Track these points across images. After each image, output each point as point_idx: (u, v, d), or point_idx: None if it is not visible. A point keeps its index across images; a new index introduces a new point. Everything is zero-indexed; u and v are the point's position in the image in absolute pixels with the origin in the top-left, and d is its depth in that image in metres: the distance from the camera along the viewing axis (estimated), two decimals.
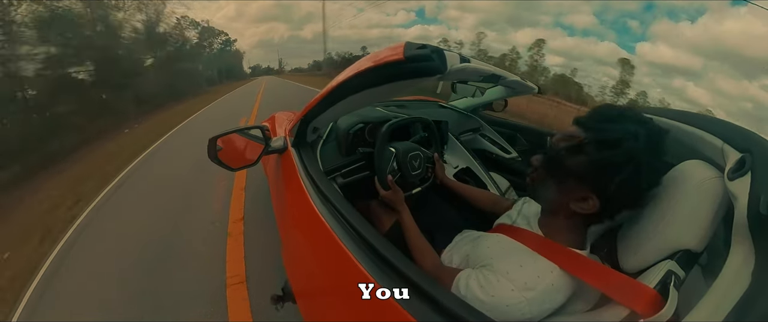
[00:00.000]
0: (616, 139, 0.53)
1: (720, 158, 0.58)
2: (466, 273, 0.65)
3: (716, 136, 0.60)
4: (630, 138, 0.52)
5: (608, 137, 0.54)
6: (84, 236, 2.77)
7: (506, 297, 0.55)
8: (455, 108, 2.10)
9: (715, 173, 0.56)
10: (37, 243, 2.79)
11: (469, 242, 0.85)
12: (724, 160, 0.56)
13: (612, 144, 0.53)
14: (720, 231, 0.55)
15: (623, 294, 0.52)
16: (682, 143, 0.67)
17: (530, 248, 0.62)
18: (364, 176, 1.29)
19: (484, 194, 1.19)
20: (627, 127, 0.53)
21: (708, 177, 0.55)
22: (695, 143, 0.65)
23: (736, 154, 0.54)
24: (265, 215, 2.36)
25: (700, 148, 0.64)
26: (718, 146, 0.59)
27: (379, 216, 1.19)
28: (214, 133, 1.07)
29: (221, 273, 1.95)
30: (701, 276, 0.60)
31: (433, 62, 0.59)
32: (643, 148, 0.52)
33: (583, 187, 0.57)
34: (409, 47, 0.62)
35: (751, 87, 24.33)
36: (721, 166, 0.57)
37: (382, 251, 0.63)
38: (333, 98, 0.90)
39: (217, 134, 1.08)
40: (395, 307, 0.55)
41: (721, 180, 0.54)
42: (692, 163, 0.60)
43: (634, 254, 0.59)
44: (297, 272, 1.07)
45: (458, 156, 1.67)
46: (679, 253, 0.53)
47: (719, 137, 0.60)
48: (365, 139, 1.38)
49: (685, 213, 0.54)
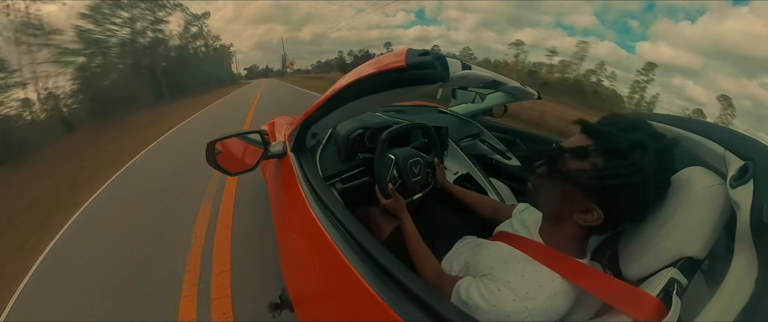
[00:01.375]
0: (624, 150, 0.52)
1: (721, 165, 0.58)
2: (466, 282, 0.64)
3: (717, 143, 0.60)
4: (639, 150, 0.51)
5: (616, 148, 0.52)
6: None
7: (508, 307, 0.55)
8: (455, 113, 2.10)
9: (717, 180, 0.55)
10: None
11: (469, 249, 0.84)
12: (726, 167, 0.56)
13: (620, 155, 0.52)
14: (721, 236, 0.54)
15: (625, 303, 0.51)
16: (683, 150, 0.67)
17: (531, 257, 0.62)
18: (363, 181, 1.28)
19: (484, 199, 1.18)
20: (636, 138, 0.52)
21: (710, 184, 0.55)
22: (696, 149, 0.65)
23: (738, 161, 0.53)
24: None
25: (700, 155, 0.64)
26: (719, 153, 0.58)
27: (378, 223, 1.19)
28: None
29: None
30: (703, 282, 0.59)
31: (435, 70, 0.59)
32: (651, 161, 0.51)
33: (588, 198, 0.56)
34: (412, 54, 0.62)
35: (750, 85, 24.38)
36: (722, 173, 0.56)
37: (380, 260, 0.62)
38: (333, 104, 0.89)
39: (215, 138, 1.08)
40: (393, 316, 0.54)
41: (723, 187, 0.53)
42: (694, 169, 0.60)
43: (636, 261, 0.59)
44: (295, 279, 1.06)
45: (458, 162, 1.67)
46: (682, 260, 0.53)
47: (720, 144, 0.59)
48: (365, 144, 1.38)
49: (687, 221, 0.54)
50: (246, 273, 1.97)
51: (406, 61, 0.60)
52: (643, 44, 14.18)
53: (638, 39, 14.11)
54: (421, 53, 0.62)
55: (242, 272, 1.99)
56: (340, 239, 0.75)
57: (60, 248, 2.91)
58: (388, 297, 0.57)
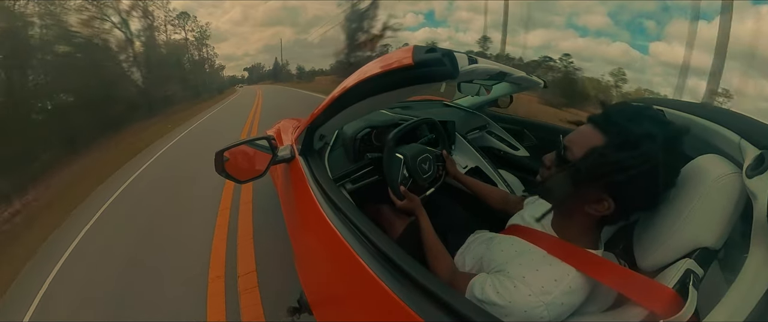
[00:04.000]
0: (634, 140, 0.51)
1: (737, 154, 0.57)
2: (481, 278, 0.64)
3: (733, 131, 0.59)
4: (648, 139, 0.51)
5: (626, 138, 0.52)
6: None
7: (524, 302, 0.55)
8: (460, 106, 2.09)
9: (732, 169, 0.54)
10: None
11: (482, 244, 0.85)
12: (742, 156, 0.55)
13: (630, 145, 0.52)
14: (737, 225, 0.54)
15: (641, 295, 0.51)
16: (697, 137, 0.65)
17: (545, 251, 0.62)
18: (373, 180, 1.28)
19: (494, 190, 1.18)
20: (645, 127, 0.52)
21: (725, 173, 0.54)
22: (710, 137, 0.64)
23: (755, 150, 0.52)
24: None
25: (715, 143, 0.63)
26: (734, 142, 0.57)
27: (390, 221, 1.19)
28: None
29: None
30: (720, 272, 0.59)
31: (444, 67, 0.58)
32: (661, 149, 0.50)
33: (598, 188, 0.55)
34: (418, 51, 0.60)
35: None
36: (738, 161, 0.55)
37: (394, 258, 0.63)
38: (340, 105, 0.89)
39: (223, 147, 1.09)
40: (410, 314, 0.55)
41: (739, 176, 0.52)
42: (709, 158, 0.59)
43: (651, 252, 0.58)
44: (311, 282, 1.07)
45: (467, 156, 1.66)
46: (697, 251, 0.52)
47: (736, 132, 0.58)
48: (372, 143, 1.38)
49: (702, 211, 0.53)
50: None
51: (414, 58, 0.59)
52: (657, 44, 13.65)
53: (652, 39, 13.57)
54: (428, 50, 0.60)
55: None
56: (353, 239, 0.75)
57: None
58: (405, 296, 0.58)
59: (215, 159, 1.07)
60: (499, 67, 1.02)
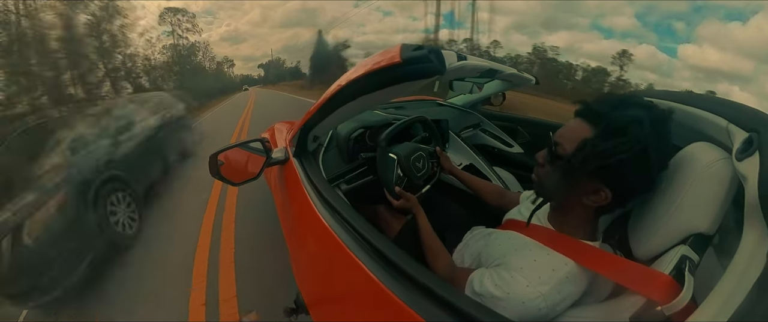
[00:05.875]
0: (622, 127, 0.52)
1: (725, 139, 0.57)
2: (479, 273, 0.64)
3: (720, 117, 0.59)
4: (635, 124, 0.51)
5: (614, 126, 0.53)
6: None
7: (522, 293, 0.55)
8: (454, 105, 2.09)
9: (722, 154, 0.55)
10: None
11: (480, 240, 0.84)
12: (731, 140, 0.55)
13: (618, 132, 0.52)
14: (730, 210, 0.54)
15: (639, 283, 0.51)
16: (685, 125, 0.66)
17: (542, 243, 0.62)
18: (367, 180, 1.28)
19: (490, 186, 1.18)
20: (631, 113, 0.53)
21: (716, 159, 0.54)
22: (698, 124, 0.65)
23: (743, 133, 0.53)
24: None
25: (703, 129, 0.64)
26: (722, 126, 0.58)
27: (387, 220, 1.19)
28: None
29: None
30: (715, 257, 0.59)
31: (431, 63, 0.59)
32: (649, 132, 0.51)
33: (593, 179, 0.56)
34: (406, 49, 0.62)
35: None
36: (727, 146, 0.56)
37: (393, 258, 0.62)
38: (332, 105, 0.89)
39: (217, 150, 1.08)
40: (409, 312, 0.55)
41: (729, 161, 0.53)
42: (699, 145, 0.59)
43: (646, 240, 0.59)
44: (307, 283, 1.06)
45: (461, 154, 1.67)
46: (692, 237, 0.53)
47: (723, 117, 0.59)
48: (366, 143, 1.38)
49: (695, 197, 0.54)
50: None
51: (401, 56, 0.60)
52: (686, 47, 13.58)
53: (681, 41, 13.53)
54: (416, 48, 0.62)
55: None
56: (349, 239, 0.75)
57: None
58: (403, 294, 0.57)
59: (209, 162, 1.07)
60: (489, 64, 1.02)
